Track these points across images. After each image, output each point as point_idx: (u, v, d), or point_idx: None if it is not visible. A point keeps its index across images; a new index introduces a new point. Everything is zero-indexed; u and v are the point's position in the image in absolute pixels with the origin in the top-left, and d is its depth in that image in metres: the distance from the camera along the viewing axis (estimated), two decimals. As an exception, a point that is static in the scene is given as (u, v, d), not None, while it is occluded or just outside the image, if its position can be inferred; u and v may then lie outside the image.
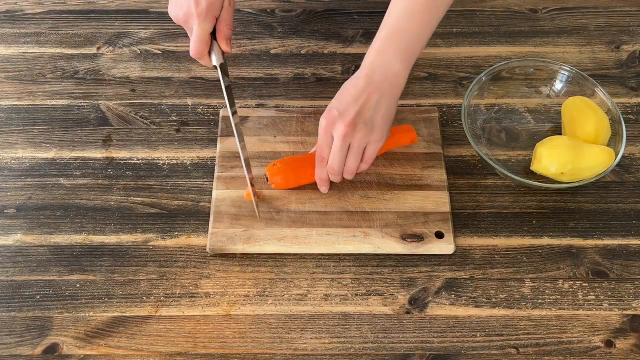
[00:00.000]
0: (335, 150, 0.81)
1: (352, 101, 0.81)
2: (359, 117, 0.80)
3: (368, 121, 0.81)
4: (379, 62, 0.82)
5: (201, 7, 0.81)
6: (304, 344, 0.78)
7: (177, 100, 0.99)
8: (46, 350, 0.77)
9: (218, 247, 0.83)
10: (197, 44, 0.81)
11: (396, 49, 0.81)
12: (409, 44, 0.82)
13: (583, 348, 0.77)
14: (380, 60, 0.81)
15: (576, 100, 0.91)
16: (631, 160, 0.93)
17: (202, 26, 0.81)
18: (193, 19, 0.81)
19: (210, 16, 0.81)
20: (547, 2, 1.12)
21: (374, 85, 0.81)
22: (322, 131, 0.82)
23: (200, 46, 0.81)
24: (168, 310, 0.80)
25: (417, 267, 0.83)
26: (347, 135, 0.80)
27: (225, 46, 0.83)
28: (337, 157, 0.82)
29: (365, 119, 0.80)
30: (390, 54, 0.81)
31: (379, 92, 0.81)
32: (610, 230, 0.86)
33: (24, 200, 0.89)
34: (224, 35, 0.83)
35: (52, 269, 0.83)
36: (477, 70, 1.01)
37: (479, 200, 0.89)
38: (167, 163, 0.92)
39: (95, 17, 1.10)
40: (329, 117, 0.81)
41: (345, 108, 0.81)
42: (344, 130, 0.80)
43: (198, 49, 0.82)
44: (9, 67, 1.03)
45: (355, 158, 0.83)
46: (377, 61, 0.82)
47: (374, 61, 0.82)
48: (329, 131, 0.82)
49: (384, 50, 0.82)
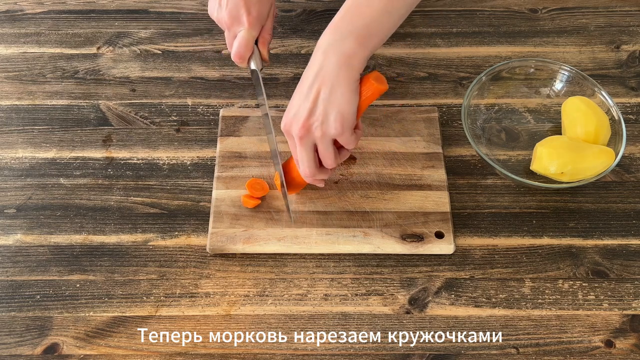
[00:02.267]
0: (299, 153, 0.78)
1: (303, 99, 0.76)
2: (311, 116, 0.75)
3: (323, 118, 0.75)
4: (330, 42, 0.74)
5: (252, 15, 0.84)
6: (304, 344, 0.78)
7: (177, 100, 0.99)
8: (46, 350, 0.77)
9: (218, 247, 0.83)
10: (243, 49, 0.84)
11: (351, 27, 0.74)
12: (368, 22, 0.74)
13: (583, 348, 0.77)
14: (331, 40, 0.74)
15: (576, 100, 0.91)
16: (631, 160, 0.93)
17: (250, 33, 0.84)
18: (241, 25, 0.85)
19: (258, 25, 0.85)
20: (547, 2, 1.12)
21: (324, 76, 0.74)
22: (287, 136, 0.79)
23: (246, 51, 0.85)
24: (168, 310, 0.80)
25: (417, 267, 0.83)
26: (304, 137, 0.76)
27: (265, 53, 0.87)
28: (302, 161, 0.79)
29: (318, 116, 0.75)
30: (343, 34, 0.74)
31: (329, 83, 0.74)
32: (610, 230, 0.86)
33: (24, 200, 0.89)
34: (266, 42, 0.87)
35: (52, 269, 0.83)
36: (477, 70, 1.01)
37: (479, 200, 0.89)
38: (167, 163, 0.92)
39: (95, 17, 1.10)
40: (285, 119, 0.78)
41: (297, 108, 0.76)
42: (300, 133, 0.76)
43: (243, 53, 0.85)
44: (9, 67, 1.03)
45: (327, 154, 0.78)
46: (327, 41, 0.74)
47: (326, 42, 0.74)
48: (289, 134, 0.78)
49: (336, 30, 0.74)
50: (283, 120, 0.78)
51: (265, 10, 0.86)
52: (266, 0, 0.86)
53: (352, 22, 0.74)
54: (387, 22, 0.76)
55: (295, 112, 0.76)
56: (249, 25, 0.84)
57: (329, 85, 0.74)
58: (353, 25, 0.74)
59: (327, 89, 0.74)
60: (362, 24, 0.74)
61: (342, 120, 0.75)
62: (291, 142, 0.79)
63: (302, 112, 0.75)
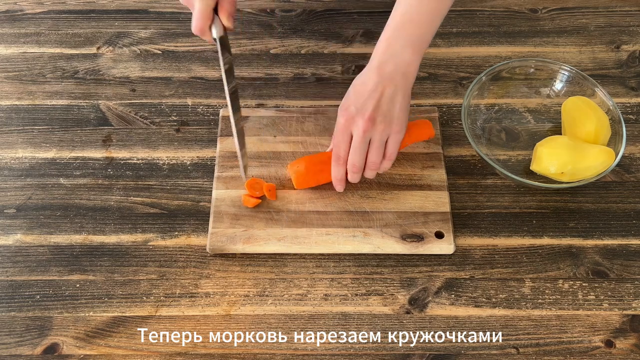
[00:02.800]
0: (356, 146, 0.82)
1: (368, 96, 0.81)
2: (377, 111, 0.81)
3: (387, 114, 0.81)
4: (390, 53, 0.82)
5: None
6: (304, 344, 0.78)
7: (177, 100, 0.99)
8: (46, 350, 0.77)
9: (218, 247, 0.83)
10: (199, 20, 0.79)
11: (406, 38, 0.82)
12: (419, 32, 0.82)
13: (583, 348, 0.77)
14: (391, 51, 0.82)
15: (576, 100, 0.91)
16: (631, 160, 0.93)
17: (205, 2, 0.79)
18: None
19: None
20: (547, 2, 1.12)
21: (387, 78, 0.81)
22: (341, 129, 0.82)
23: (202, 22, 0.79)
24: (168, 310, 0.80)
25: (417, 267, 0.83)
26: (368, 130, 0.81)
27: (226, 21, 0.80)
28: (358, 153, 0.82)
29: (384, 112, 0.81)
30: (400, 44, 0.81)
31: (393, 84, 0.81)
32: (610, 230, 0.86)
33: (24, 200, 0.89)
34: (226, 10, 0.81)
35: (52, 269, 0.83)
36: (477, 70, 1.01)
37: (479, 200, 0.89)
38: (167, 163, 0.92)
39: (95, 17, 1.10)
40: (346, 115, 0.82)
41: (362, 104, 0.81)
42: (364, 126, 0.80)
43: (199, 25, 0.80)
44: (9, 67, 1.03)
45: (377, 152, 0.82)
46: (387, 52, 0.82)
47: (385, 52, 0.82)
48: (348, 129, 0.82)
49: (394, 41, 0.82)
50: (342, 117, 0.82)
51: None
52: None
53: (406, 35, 0.82)
54: (433, 27, 0.84)
55: (359, 107, 0.81)
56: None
57: (393, 88, 0.81)
58: (408, 38, 0.82)
59: (391, 90, 0.81)
60: (416, 34, 0.82)
61: (402, 119, 0.82)
62: (344, 137, 0.82)
63: (368, 107, 0.80)
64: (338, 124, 0.83)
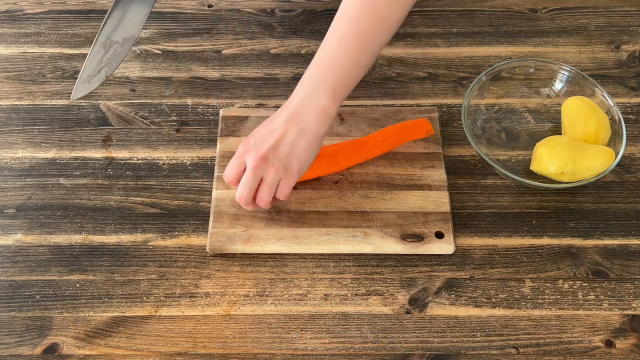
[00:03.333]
0: (245, 179, 0.79)
1: (268, 133, 0.79)
2: (272, 152, 0.78)
3: (283, 157, 0.78)
4: (307, 93, 0.79)
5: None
6: (304, 344, 0.78)
7: (177, 100, 0.99)
8: (46, 350, 0.77)
9: (218, 247, 0.83)
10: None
11: (324, 81, 0.79)
12: (339, 76, 0.79)
13: (583, 348, 0.77)
14: (308, 92, 0.79)
15: (576, 100, 0.91)
16: (631, 160, 0.93)
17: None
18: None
19: None
20: (547, 2, 1.12)
21: (296, 120, 0.78)
22: (236, 157, 0.80)
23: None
24: (168, 310, 0.80)
25: (417, 267, 0.83)
26: (258, 167, 0.78)
27: None
28: (245, 187, 0.80)
29: (280, 154, 0.78)
30: (318, 87, 0.78)
31: (299, 127, 0.78)
32: (610, 230, 0.86)
33: (24, 200, 0.89)
34: None
35: (52, 269, 0.83)
36: (477, 70, 1.01)
37: (479, 200, 0.89)
38: (167, 163, 0.92)
39: (95, 17, 1.10)
40: (246, 144, 0.80)
41: (261, 139, 0.79)
42: (255, 163, 0.78)
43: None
44: (9, 67, 1.03)
45: (268, 191, 0.80)
46: (305, 92, 0.79)
47: (302, 91, 0.79)
48: (241, 159, 0.80)
49: (313, 81, 0.79)
50: (241, 145, 0.80)
51: None
52: None
53: (324, 78, 0.79)
54: (356, 74, 0.80)
55: (258, 141, 0.79)
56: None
57: (297, 130, 0.78)
58: (325, 81, 0.78)
59: (294, 133, 0.78)
60: (333, 79, 0.79)
61: (299, 167, 0.79)
62: (237, 164, 0.80)
63: (265, 144, 0.78)
64: (237, 149, 0.81)
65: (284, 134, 0.78)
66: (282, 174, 0.79)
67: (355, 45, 0.79)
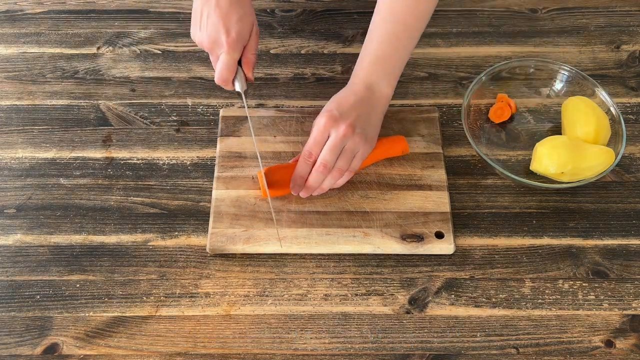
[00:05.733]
0: (332, 145, 0.82)
1: (351, 107, 0.84)
2: (357, 122, 0.83)
3: (364, 128, 0.84)
4: (368, 82, 0.86)
5: (232, 36, 0.82)
6: (304, 344, 0.78)
7: (177, 100, 0.99)
8: (46, 350, 0.77)
9: (218, 247, 0.83)
10: (225, 72, 0.83)
11: (382, 73, 0.87)
12: (394, 68, 0.88)
13: (583, 348, 0.77)
14: (369, 81, 0.86)
15: (576, 100, 0.91)
16: (631, 160, 0.93)
17: (231, 55, 0.82)
18: (221, 48, 0.82)
19: (239, 45, 0.83)
20: (547, 2, 1.12)
21: (367, 100, 0.86)
22: (321, 128, 0.83)
23: (228, 74, 0.83)
24: (168, 310, 0.80)
25: (417, 267, 0.83)
26: (346, 135, 0.82)
27: (249, 74, 0.85)
28: (332, 152, 0.82)
29: (362, 125, 0.84)
30: (377, 78, 0.87)
31: (370, 107, 0.86)
32: (610, 230, 0.86)
33: (24, 200, 0.89)
34: (250, 63, 0.85)
35: (52, 269, 0.83)
36: (477, 70, 1.01)
37: (479, 200, 0.89)
38: (167, 163, 0.92)
39: (95, 17, 1.10)
40: (330, 115, 0.83)
41: (345, 111, 0.83)
42: (345, 131, 0.82)
43: (225, 76, 0.83)
44: (9, 67, 1.03)
45: (346, 160, 0.83)
46: (366, 81, 0.86)
47: (363, 81, 0.86)
48: (327, 130, 0.82)
49: (371, 74, 0.87)
50: (324, 117, 0.83)
51: (246, 30, 0.84)
52: (247, 20, 0.84)
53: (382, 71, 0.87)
54: (405, 62, 0.90)
55: (343, 113, 0.83)
56: (228, 47, 0.82)
57: (370, 108, 0.86)
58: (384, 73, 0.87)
59: (368, 111, 0.85)
60: (392, 70, 0.88)
61: (374, 139, 0.87)
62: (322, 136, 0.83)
63: (352, 115, 0.83)
64: (318, 124, 0.83)
65: (362, 110, 0.85)
66: (362, 144, 0.84)
67: (404, 38, 0.88)
